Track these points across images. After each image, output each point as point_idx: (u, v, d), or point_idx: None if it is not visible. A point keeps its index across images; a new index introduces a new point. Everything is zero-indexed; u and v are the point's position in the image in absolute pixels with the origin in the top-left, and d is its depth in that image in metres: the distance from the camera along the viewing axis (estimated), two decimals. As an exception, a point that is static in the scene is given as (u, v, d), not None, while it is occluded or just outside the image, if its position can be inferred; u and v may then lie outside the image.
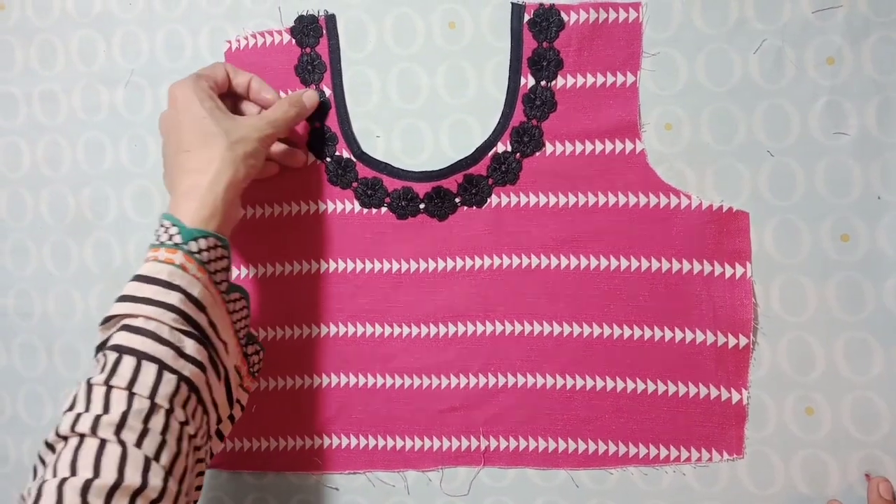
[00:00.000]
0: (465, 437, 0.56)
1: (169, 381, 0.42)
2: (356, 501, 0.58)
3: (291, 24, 0.59)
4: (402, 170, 0.57)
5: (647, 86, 0.54)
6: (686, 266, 0.54)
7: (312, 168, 0.58)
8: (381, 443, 0.57)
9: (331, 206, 0.58)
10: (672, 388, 0.54)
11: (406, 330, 0.57)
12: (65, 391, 0.62)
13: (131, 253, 0.61)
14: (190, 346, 0.44)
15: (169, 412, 0.42)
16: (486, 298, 0.56)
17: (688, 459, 0.54)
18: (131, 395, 0.41)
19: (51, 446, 0.41)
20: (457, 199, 0.56)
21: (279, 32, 0.59)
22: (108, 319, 0.44)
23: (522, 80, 0.56)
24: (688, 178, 0.54)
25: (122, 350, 0.42)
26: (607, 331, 0.54)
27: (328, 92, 0.58)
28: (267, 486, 0.59)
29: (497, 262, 0.56)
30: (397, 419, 0.57)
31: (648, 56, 0.54)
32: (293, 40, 0.58)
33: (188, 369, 0.43)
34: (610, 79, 0.55)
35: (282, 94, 0.57)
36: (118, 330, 0.43)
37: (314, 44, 0.58)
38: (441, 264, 0.56)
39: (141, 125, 0.61)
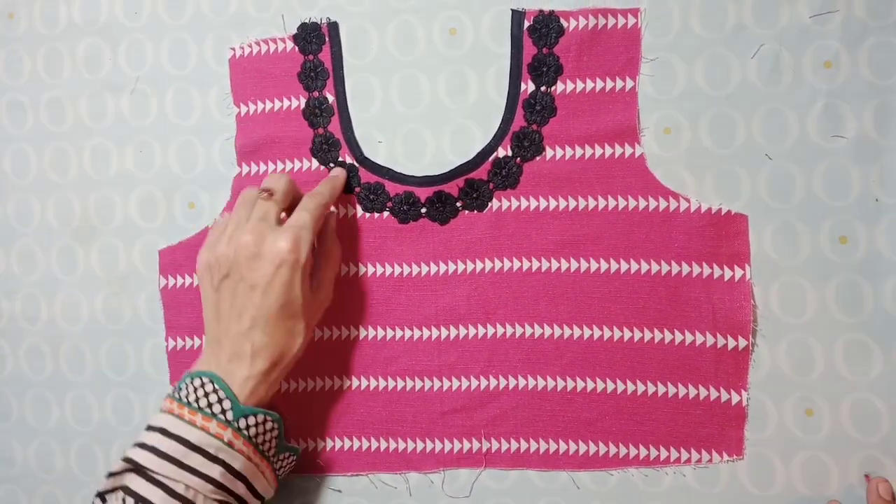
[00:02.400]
0: (467, 439, 0.57)
1: None
2: (358, 503, 0.58)
3: (294, 31, 0.59)
4: (404, 175, 0.58)
5: (646, 91, 0.55)
6: (685, 269, 0.54)
7: (315, 174, 0.59)
8: (382, 445, 0.58)
9: (333, 211, 0.58)
10: (672, 390, 0.54)
11: (407, 333, 0.57)
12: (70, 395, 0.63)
13: (136, 258, 0.62)
14: None
15: None
16: (486, 301, 0.56)
17: (688, 461, 0.54)
18: None
19: None
20: (458, 204, 0.57)
21: (282, 40, 0.59)
22: (131, 463, 0.47)
23: (523, 86, 0.56)
24: (687, 181, 0.54)
25: None
26: (607, 333, 0.55)
27: (331, 98, 0.59)
28: (270, 489, 0.60)
29: (498, 265, 0.56)
30: (399, 421, 0.57)
31: (647, 61, 0.55)
32: (296, 47, 0.59)
33: None
34: (609, 84, 0.55)
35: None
36: (155, 486, 0.46)
37: (317, 51, 0.59)
38: (442, 268, 0.57)
39: (146, 132, 0.62)
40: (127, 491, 0.46)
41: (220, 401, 0.48)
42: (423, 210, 0.57)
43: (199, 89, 0.61)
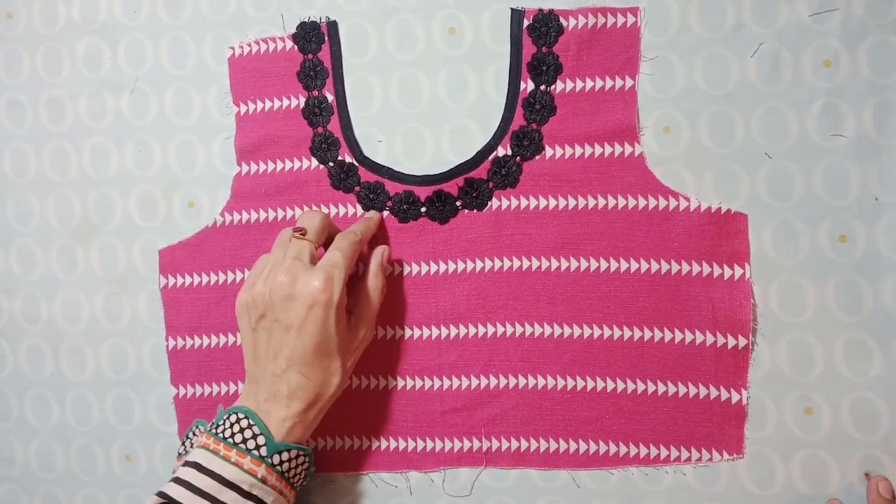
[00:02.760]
0: (467, 438, 0.57)
1: None
2: (359, 502, 0.58)
3: (294, 30, 0.59)
4: (404, 174, 0.58)
5: (645, 89, 0.55)
6: (685, 267, 0.54)
7: (315, 173, 0.59)
8: (383, 444, 0.58)
9: (333, 210, 0.58)
10: (672, 389, 0.54)
11: (407, 332, 0.57)
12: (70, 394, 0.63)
13: (136, 257, 0.62)
14: None
15: None
16: (486, 300, 0.56)
17: (688, 459, 0.54)
18: None
19: None
20: (458, 203, 0.57)
21: (282, 39, 0.59)
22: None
23: (522, 85, 0.56)
24: (686, 180, 0.54)
25: None
26: (607, 332, 0.55)
27: (330, 97, 0.59)
28: (271, 488, 0.60)
29: (497, 264, 0.56)
30: (399, 420, 0.57)
31: (647, 60, 0.55)
32: (295, 46, 0.59)
33: None
34: (609, 83, 0.55)
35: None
36: None
37: (316, 50, 0.59)
38: (442, 267, 0.57)
39: (146, 131, 0.62)
40: None
41: (254, 437, 0.48)
42: (423, 209, 0.57)
43: (198, 88, 0.61)
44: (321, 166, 0.59)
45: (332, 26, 0.59)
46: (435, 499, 0.57)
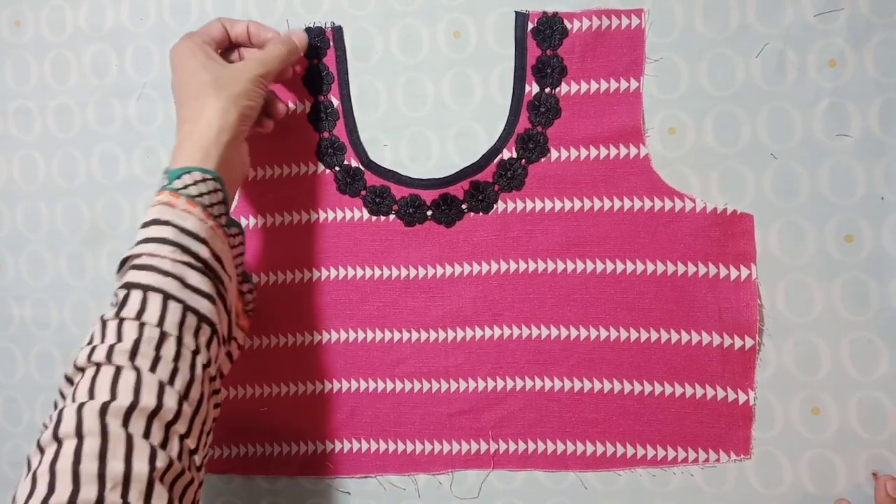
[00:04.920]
0: (475, 441, 0.57)
1: (174, 309, 0.43)
2: (368, 505, 0.59)
3: (299, 35, 0.60)
4: (410, 177, 0.58)
5: (650, 91, 0.55)
6: (691, 269, 0.54)
7: (322, 177, 0.59)
8: (391, 447, 0.58)
9: (340, 215, 0.59)
10: (679, 390, 0.54)
11: (415, 335, 0.58)
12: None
13: (145, 262, 0.62)
14: (193, 277, 0.45)
15: (179, 340, 0.43)
16: (493, 303, 0.57)
17: (695, 460, 0.54)
18: (142, 325, 0.42)
19: (69, 379, 0.42)
20: (463, 206, 0.57)
21: (287, 44, 0.60)
22: (120, 266, 0.46)
23: (527, 88, 0.56)
24: (692, 181, 0.54)
25: (129, 286, 0.44)
26: (614, 334, 0.55)
27: (336, 102, 0.59)
28: (280, 491, 0.60)
29: (504, 267, 0.56)
30: (407, 423, 0.58)
31: (651, 62, 0.55)
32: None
33: (193, 299, 0.44)
34: (613, 85, 0.55)
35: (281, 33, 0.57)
36: (127, 269, 0.45)
37: (322, 55, 0.59)
38: (448, 270, 0.57)
39: (153, 136, 0.62)
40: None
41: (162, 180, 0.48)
42: (429, 213, 0.57)
43: (204, 94, 0.61)
44: (327, 171, 0.59)
45: (338, 31, 0.59)
46: (443, 501, 0.57)
